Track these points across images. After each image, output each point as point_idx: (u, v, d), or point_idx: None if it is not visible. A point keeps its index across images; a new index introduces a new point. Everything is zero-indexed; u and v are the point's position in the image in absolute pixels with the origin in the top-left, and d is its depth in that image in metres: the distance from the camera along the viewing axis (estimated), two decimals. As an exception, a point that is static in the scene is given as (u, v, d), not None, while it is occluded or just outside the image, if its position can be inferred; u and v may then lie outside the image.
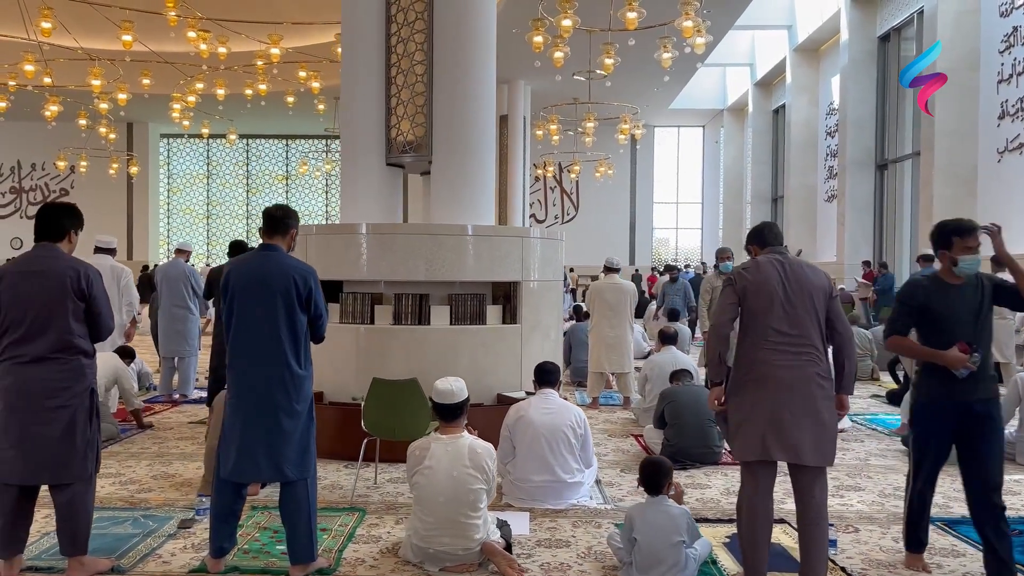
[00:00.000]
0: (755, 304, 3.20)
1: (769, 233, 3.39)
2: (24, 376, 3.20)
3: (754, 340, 3.20)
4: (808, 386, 3.12)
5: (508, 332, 5.78)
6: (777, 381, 3.15)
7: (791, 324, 3.14)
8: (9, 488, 3.24)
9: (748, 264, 3.32)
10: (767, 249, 3.34)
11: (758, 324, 3.19)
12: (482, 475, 3.33)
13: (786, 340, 3.13)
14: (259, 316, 3.30)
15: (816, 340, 3.15)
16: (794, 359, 3.12)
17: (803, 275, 3.21)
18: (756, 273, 3.23)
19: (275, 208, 3.49)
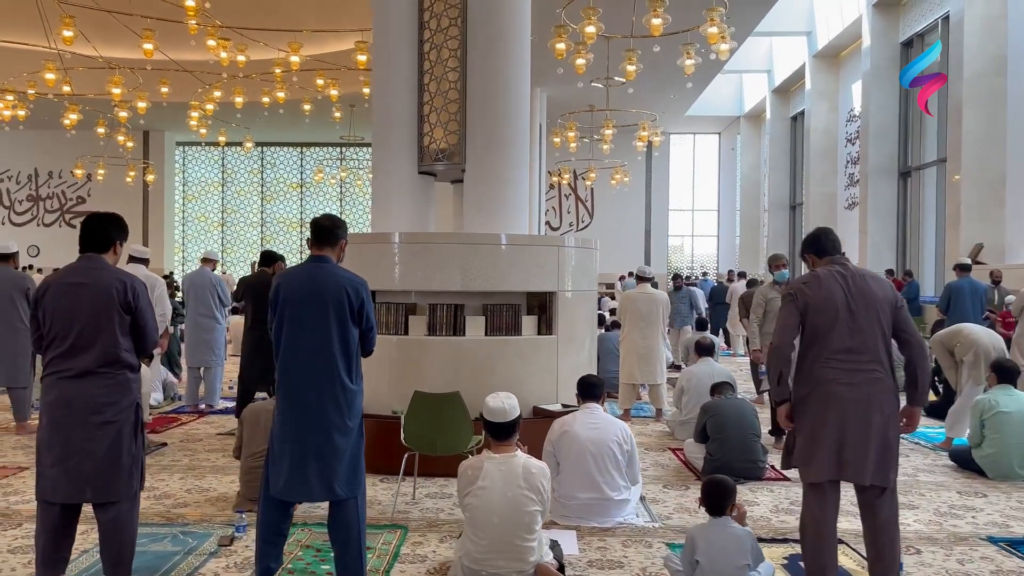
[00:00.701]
0: (818, 320, 3.09)
1: (827, 241, 3.27)
2: (69, 391, 3.12)
3: (817, 357, 3.09)
4: (873, 404, 3.02)
5: (544, 343, 5.66)
6: (842, 400, 3.04)
7: (856, 340, 3.03)
8: (51, 506, 3.15)
9: (808, 278, 3.20)
10: (826, 259, 3.23)
11: (821, 341, 3.08)
12: (537, 496, 3.21)
13: (851, 357, 3.02)
14: (311, 329, 3.21)
15: (881, 355, 3.04)
16: (858, 376, 3.01)
17: (867, 288, 3.10)
18: (818, 288, 3.12)
19: (324, 218, 3.40)
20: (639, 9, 11.41)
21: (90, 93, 17.60)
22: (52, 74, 13.87)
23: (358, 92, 17.11)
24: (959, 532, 4.19)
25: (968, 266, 8.29)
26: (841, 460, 3.04)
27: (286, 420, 3.24)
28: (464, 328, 5.50)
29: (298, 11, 16.02)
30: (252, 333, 6.32)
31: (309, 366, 3.21)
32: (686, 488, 4.98)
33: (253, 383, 6.36)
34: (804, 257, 3.34)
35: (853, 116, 18.43)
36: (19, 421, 6.33)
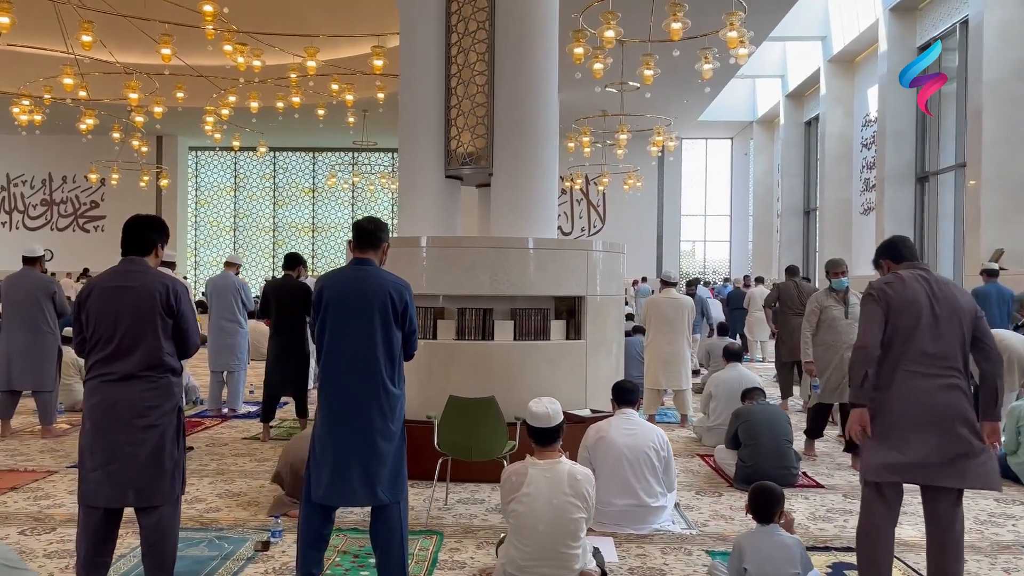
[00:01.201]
0: (901, 323, 3.03)
1: (904, 247, 3.23)
2: (113, 395, 3.10)
3: (897, 360, 3.03)
4: (952, 410, 2.96)
5: (572, 348, 5.63)
6: (922, 405, 2.99)
7: (938, 345, 2.98)
8: (94, 511, 3.13)
9: (891, 279, 3.15)
10: (905, 264, 3.18)
11: (902, 344, 3.02)
12: (583, 503, 3.18)
13: (932, 362, 2.97)
14: (355, 333, 3.19)
15: (960, 362, 2.99)
16: (938, 381, 2.96)
17: (951, 294, 3.05)
18: (903, 289, 3.07)
19: (366, 221, 3.38)
20: (657, 13, 11.42)
21: (106, 98, 17.69)
22: (71, 79, 13.92)
23: (371, 97, 17.15)
24: (1001, 540, 4.14)
25: (996, 272, 8.22)
26: (922, 464, 2.97)
27: (328, 424, 3.22)
28: (492, 333, 5.47)
29: (312, 16, 16.08)
30: (277, 338, 6.31)
31: (352, 369, 3.19)
32: (719, 495, 4.94)
33: (278, 388, 6.35)
34: (879, 264, 3.29)
35: (869, 121, 18.35)
36: (44, 425, 6.33)
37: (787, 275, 8.57)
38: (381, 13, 16.65)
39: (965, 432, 2.96)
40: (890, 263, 3.23)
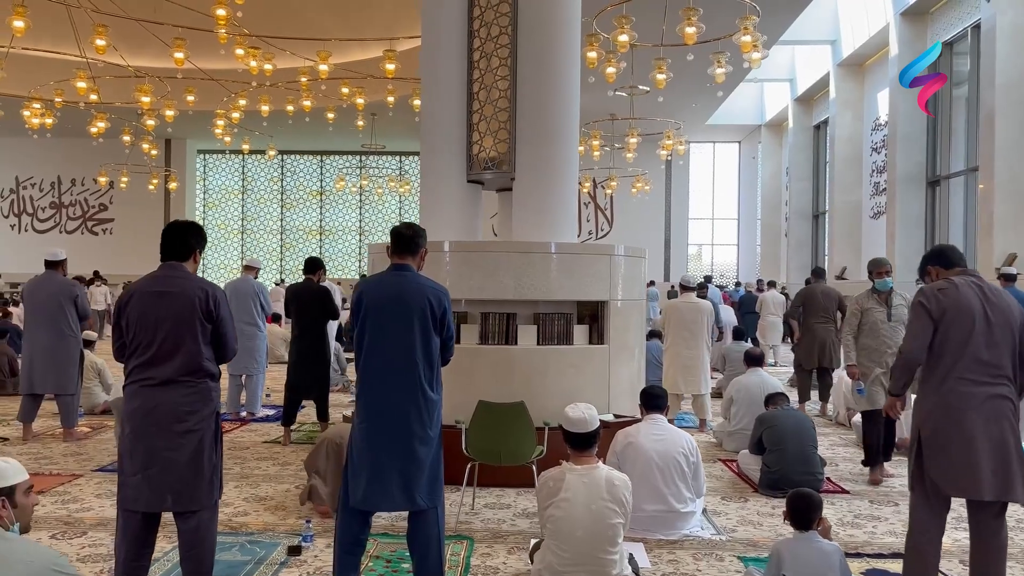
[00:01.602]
0: (954, 330, 3.02)
1: (954, 254, 3.23)
2: (152, 399, 3.11)
3: (949, 369, 3.02)
4: (1004, 420, 2.95)
5: (595, 353, 5.63)
6: (974, 414, 2.98)
7: (991, 353, 2.97)
8: (133, 515, 3.13)
9: (944, 285, 3.13)
10: (956, 270, 3.17)
11: (954, 351, 3.01)
12: (620, 508, 3.17)
13: (985, 370, 2.96)
14: (394, 338, 3.19)
15: (1010, 370, 2.99)
16: (990, 389, 2.95)
17: (1004, 301, 3.04)
18: (956, 296, 3.05)
19: (404, 227, 3.39)
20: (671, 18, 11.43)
21: (117, 102, 17.76)
22: (84, 82, 13.97)
23: (381, 100, 17.19)
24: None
25: (1014, 276, 8.19)
26: (973, 477, 2.96)
27: (366, 429, 3.22)
28: (516, 337, 5.47)
29: (321, 20, 16.12)
30: (299, 342, 6.33)
31: (391, 374, 3.19)
32: (745, 500, 4.93)
33: (300, 392, 6.36)
34: (927, 271, 3.27)
35: (879, 125, 18.34)
36: (66, 428, 6.35)
37: (813, 277, 8.50)
38: (391, 17, 16.72)
39: (1012, 442, 2.96)
40: (939, 269, 3.22)
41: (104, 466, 5.52)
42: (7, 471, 2.32)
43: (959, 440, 2.96)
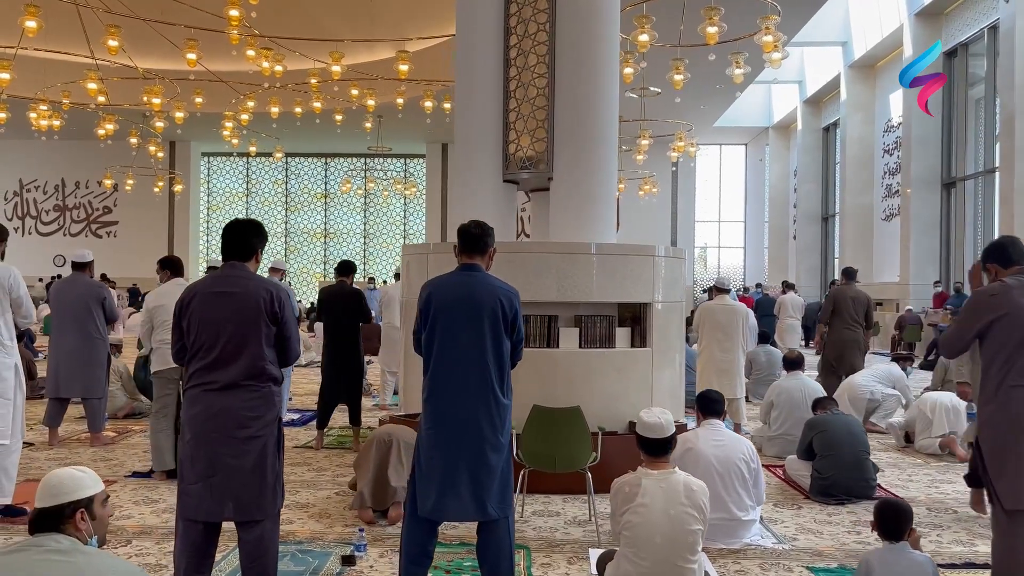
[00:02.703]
0: (1007, 334, 2.93)
1: (1014, 250, 3.11)
2: (215, 404, 2.99)
3: (1005, 374, 2.93)
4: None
5: (638, 356, 5.51)
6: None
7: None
8: (194, 524, 3.01)
9: (996, 288, 3.04)
10: (1014, 269, 3.07)
11: (1011, 356, 2.92)
12: (700, 515, 3.06)
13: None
14: (464, 341, 3.08)
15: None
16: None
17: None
18: (1007, 299, 2.96)
19: (473, 226, 3.27)
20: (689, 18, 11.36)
21: (124, 103, 17.64)
22: (95, 83, 13.84)
23: (390, 102, 17.10)
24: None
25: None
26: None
27: (436, 436, 3.10)
28: (558, 340, 5.36)
29: (328, 21, 16.02)
30: (332, 346, 6.21)
31: (462, 379, 3.08)
32: (799, 507, 4.81)
33: (333, 395, 6.24)
34: (986, 268, 3.18)
35: (890, 127, 18.28)
36: (93, 432, 6.22)
37: (844, 278, 8.35)
38: (400, 19, 16.62)
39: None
40: (998, 268, 3.12)
41: (137, 471, 5.39)
42: (84, 481, 2.20)
43: (1016, 449, 2.87)
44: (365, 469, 4.38)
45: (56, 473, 2.20)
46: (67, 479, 2.17)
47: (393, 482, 4.28)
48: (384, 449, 4.39)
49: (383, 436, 4.43)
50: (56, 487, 2.14)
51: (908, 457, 6.20)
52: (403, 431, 4.47)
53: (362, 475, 4.38)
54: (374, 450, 4.42)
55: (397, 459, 4.32)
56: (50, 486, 2.14)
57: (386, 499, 4.33)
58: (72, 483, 2.16)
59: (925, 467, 5.89)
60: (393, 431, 4.47)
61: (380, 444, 4.39)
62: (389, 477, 4.29)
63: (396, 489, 4.30)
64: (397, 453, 4.34)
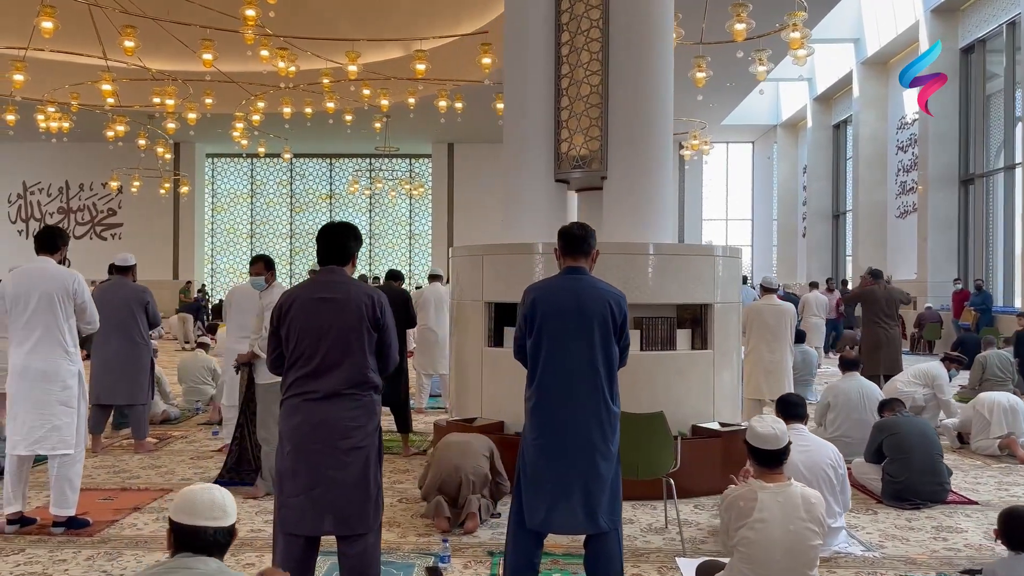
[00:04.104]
0: None
1: None
2: (316, 414, 2.88)
3: None
4: None
5: (700, 359, 5.41)
6: None
7: None
8: (295, 539, 2.90)
9: None
10: None
11: None
12: (820, 529, 2.96)
13: None
14: (574, 348, 2.97)
15: None
16: None
17: None
18: None
19: (576, 227, 3.16)
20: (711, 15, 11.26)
21: (133, 105, 17.48)
22: (108, 85, 13.68)
23: (400, 102, 16.97)
24: None
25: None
26: None
27: (543, 445, 2.99)
28: (618, 343, 5.24)
29: (337, 21, 15.90)
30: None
31: (572, 387, 2.97)
32: (874, 513, 4.71)
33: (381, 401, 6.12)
34: None
35: (904, 123, 18.20)
36: (138, 439, 6.09)
37: (871, 278, 8.30)
38: (408, 19, 16.50)
39: None
40: None
41: (189, 479, 5.27)
42: (231, 509, 2.08)
43: None
44: (432, 488, 4.27)
45: (208, 492, 2.08)
46: (221, 502, 2.05)
47: (472, 506, 4.19)
48: (454, 482, 4.26)
49: (450, 469, 4.28)
50: (208, 509, 2.02)
51: (966, 459, 6.11)
52: (464, 460, 4.32)
53: (430, 490, 4.26)
54: (442, 475, 4.29)
55: (468, 488, 4.21)
56: (202, 504, 2.03)
57: (460, 512, 4.22)
58: (224, 509, 2.05)
59: (987, 469, 5.80)
60: (460, 464, 4.30)
61: (449, 471, 4.27)
62: (463, 500, 4.21)
63: (470, 499, 4.19)
64: (468, 485, 4.22)
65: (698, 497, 4.86)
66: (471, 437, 4.50)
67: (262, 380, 4.86)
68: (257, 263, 5.14)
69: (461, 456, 4.33)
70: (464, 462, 4.29)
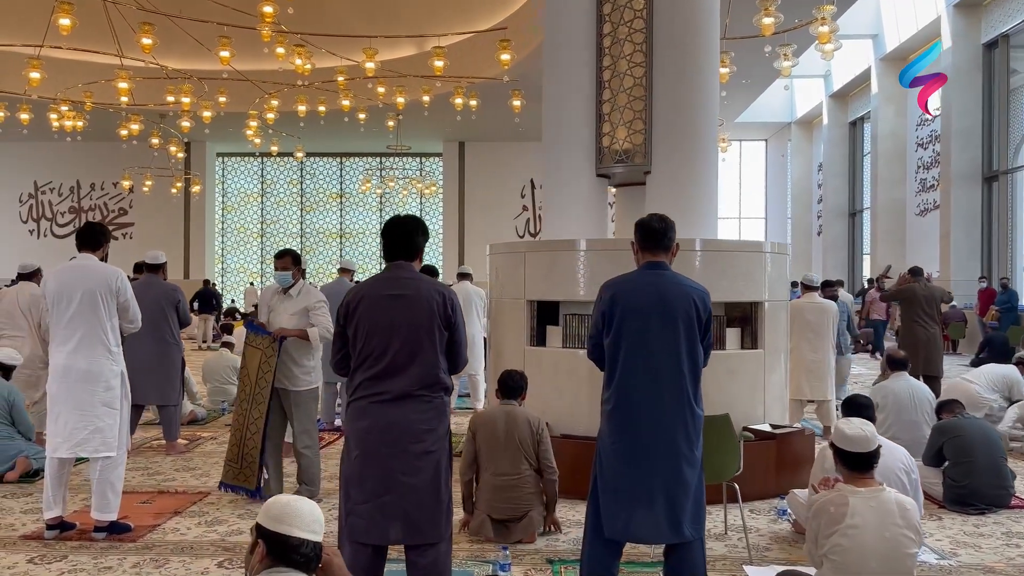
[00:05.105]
0: None
1: None
2: (386, 417, 2.74)
3: None
4: None
5: (750, 358, 5.25)
6: None
7: None
8: (363, 548, 2.76)
9: None
10: None
11: None
12: (916, 536, 2.81)
13: None
14: (658, 347, 2.82)
15: None
16: None
17: None
18: None
19: (655, 219, 3.01)
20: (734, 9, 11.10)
21: (149, 104, 17.39)
22: (125, 83, 13.57)
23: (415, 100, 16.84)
24: None
25: None
26: None
27: (623, 450, 2.84)
28: (666, 342, 5.09)
29: (349, 18, 15.77)
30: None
31: (655, 389, 2.82)
32: (939, 519, 4.54)
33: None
34: None
35: (924, 120, 18.00)
36: (169, 440, 5.96)
37: (910, 276, 8.14)
38: (420, 16, 16.37)
39: None
40: None
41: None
42: (323, 523, 1.93)
43: None
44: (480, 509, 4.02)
45: (307, 503, 1.94)
46: (318, 516, 1.91)
47: (533, 526, 4.00)
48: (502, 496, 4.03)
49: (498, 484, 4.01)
50: (308, 521, 1.88)
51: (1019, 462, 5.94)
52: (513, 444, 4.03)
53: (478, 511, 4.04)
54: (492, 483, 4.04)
55: (521, 499, 4.00)
56: (301, 514, 1.88)
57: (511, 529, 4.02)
58: (320, 523, 1.91)
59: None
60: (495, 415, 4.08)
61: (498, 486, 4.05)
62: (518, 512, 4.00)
63: (531, 517, 3.99)
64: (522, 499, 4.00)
65: (752, 501, 4.70)
66: (516, 415, 4.10)
67: (300, 387, 4.68)
68: (284, 257, 4.82)
69: (507, 449, 3.99)
70: (515, 448, 3.97)
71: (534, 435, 4.03)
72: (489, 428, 4.05)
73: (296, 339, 4.59)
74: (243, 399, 4.67)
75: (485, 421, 4.11)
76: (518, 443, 3.98)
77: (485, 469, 4.05)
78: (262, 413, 4.55)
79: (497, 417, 4.09)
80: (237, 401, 4.76)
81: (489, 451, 4.02)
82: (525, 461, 3.98)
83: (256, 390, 4.60)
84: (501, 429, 4.02)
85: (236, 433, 4.68)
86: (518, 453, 3.97)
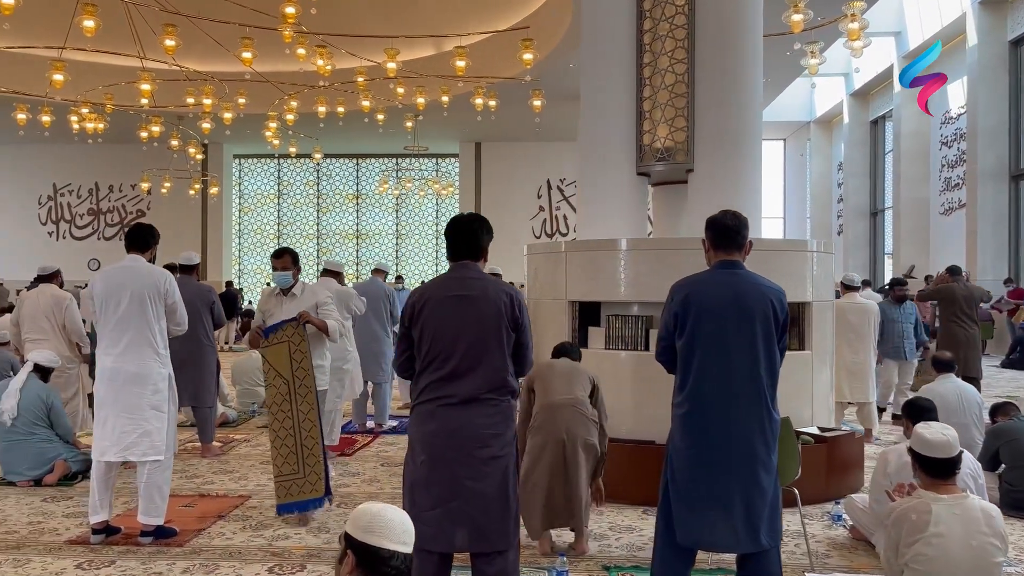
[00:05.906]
0: None
1: None
2: (453, 421, 2.66)
3: None
4: None
5: (797, 360, 5.14)
6: None
7: None
8: (429, 556, 2.68)
9: None
10: None
11: None
12: (1003, 543, 2.71)
13: None
14: (735, 350, 2.73)
15: None
16: None
17: None
18: None
19: (728, 216, 2.92)
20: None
21: (169, 106, 17.41)
22: (147, 85, 13.57)
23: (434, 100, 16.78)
24: None
25: None
26: None
27: (697, 456, 2.76)
28: (711, 343, 5.00)
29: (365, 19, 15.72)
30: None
31: (732, 392, 2.73)
32: (998, 522, 4.43)
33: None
34: None
35: (949, 118, 17.79)
36: (204, 442, 5.91)
37: (949, 275, 8.01)
38: (438, 16, 16.30)
39: None
40: None
41: (265, 485, 5.07)
42: (411, 530, 1.85)
43: None
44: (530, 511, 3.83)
45: (397, 513, 1.86)
46: (409, 528, 1.83)
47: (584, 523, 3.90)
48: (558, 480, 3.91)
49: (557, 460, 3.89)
50: (400, 533, 1.81)
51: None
52: (576, 428, 3.81)
53: (531, 513, 3.82)
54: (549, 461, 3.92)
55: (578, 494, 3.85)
56: (394, 525, 1.81)
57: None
58: (412, 535, 1.83)
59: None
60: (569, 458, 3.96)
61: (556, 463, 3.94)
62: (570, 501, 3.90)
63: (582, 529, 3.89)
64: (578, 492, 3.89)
65: (805, 506, 4.59)
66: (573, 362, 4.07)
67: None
68: (284, 256, 4.63)
69: (571, 420, 3.75)
70: (575, 431, 3.75)
71: (591, 380, 3.97)
72: (545, 367, 4.00)
73: (310, 336, 4.37)
74: (280, 401, 4.26)
75: (540, 366, 4.02)
76: (575, 376, 3.90)
77: (541, 398, 3.86)
78: (312, 405, 4.22)
79: (554, 362, 4.08)
80: (272, 407, 4.30)
81: (545, 384, 3.87)
82: (581, 389, 3.88)
83: (296, 384, 4.24)
84: (558, 367, 4.00)
85: (285, 440, 4.25)
86: (575, 382, 3.86)
